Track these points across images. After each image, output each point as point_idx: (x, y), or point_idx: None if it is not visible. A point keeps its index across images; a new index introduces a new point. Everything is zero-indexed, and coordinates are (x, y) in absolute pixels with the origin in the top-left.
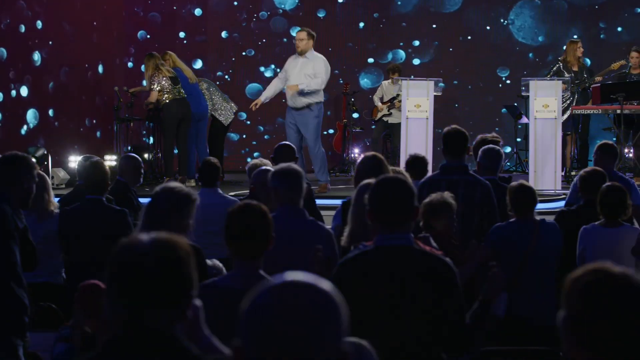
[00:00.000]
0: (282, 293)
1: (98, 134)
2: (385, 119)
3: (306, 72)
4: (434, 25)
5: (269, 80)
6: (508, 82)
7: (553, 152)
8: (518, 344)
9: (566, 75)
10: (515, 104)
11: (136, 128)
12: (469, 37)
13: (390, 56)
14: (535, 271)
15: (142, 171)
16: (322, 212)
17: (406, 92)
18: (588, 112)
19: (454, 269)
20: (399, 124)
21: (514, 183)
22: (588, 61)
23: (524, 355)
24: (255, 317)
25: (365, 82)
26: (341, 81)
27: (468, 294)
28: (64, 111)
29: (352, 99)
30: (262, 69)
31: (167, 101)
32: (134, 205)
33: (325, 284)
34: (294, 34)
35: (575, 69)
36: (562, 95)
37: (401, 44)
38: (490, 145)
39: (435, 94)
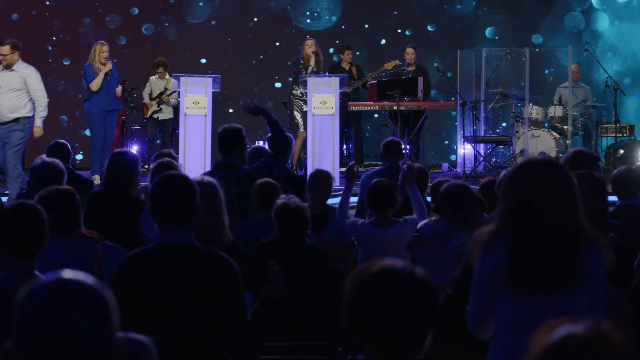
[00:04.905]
0: (49, 291)
1: None
2: (155, 115)
3: (16, 87)
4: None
5: None
6: None
7: (331, 149)
8: (300, 340)
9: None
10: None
11: None
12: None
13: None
14: None
15: None
16: None
17: (184, 89)
18: (364, 108)
19: (235, 266)
20: (169, 120)
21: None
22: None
23: (305, 350)
24: (23, 315)
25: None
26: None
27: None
28: None
29: (129, 98)
30: None
31: None
32: None
33: (94, 282)
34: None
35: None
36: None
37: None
38: (256, 145)
39: (213, 90)
